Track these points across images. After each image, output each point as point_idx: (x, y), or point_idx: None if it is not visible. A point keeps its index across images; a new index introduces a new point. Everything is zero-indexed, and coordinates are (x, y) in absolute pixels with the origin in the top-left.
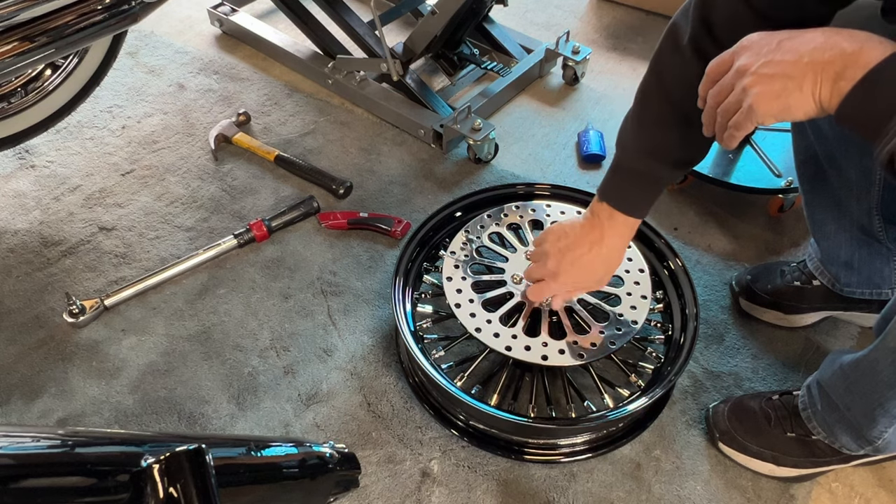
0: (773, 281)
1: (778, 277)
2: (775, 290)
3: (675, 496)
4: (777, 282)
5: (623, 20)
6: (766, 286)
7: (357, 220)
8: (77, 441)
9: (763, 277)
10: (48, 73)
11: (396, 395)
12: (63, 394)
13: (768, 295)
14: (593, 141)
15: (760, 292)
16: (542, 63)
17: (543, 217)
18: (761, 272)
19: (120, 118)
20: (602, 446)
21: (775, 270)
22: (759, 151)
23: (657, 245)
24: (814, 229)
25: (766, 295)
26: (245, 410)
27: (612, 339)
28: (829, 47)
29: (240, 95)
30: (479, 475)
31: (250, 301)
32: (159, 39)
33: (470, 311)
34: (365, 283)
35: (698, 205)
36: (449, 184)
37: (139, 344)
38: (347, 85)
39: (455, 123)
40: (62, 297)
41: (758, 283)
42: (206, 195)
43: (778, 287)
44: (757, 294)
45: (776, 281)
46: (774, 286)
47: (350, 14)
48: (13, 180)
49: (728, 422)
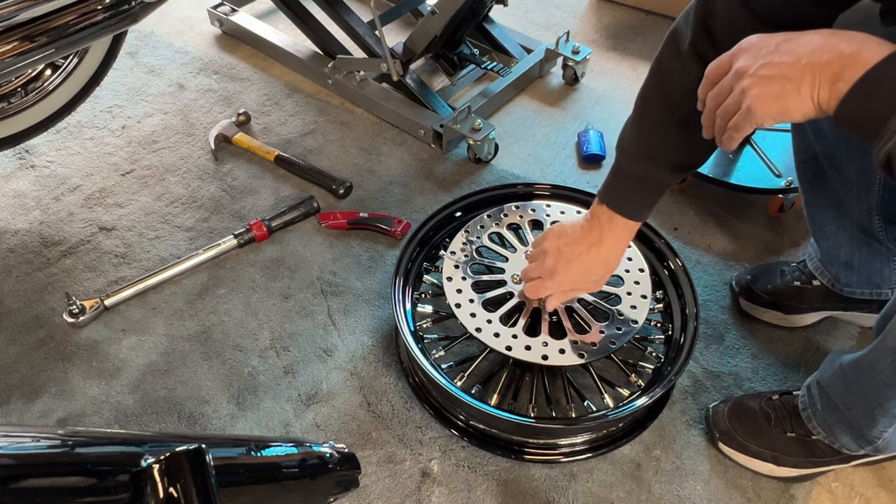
0: (773, 281)
1: (778, 277)
2: (775, 290)
3: (675, 496)
4: (777, 282)
5: (623, 20)
6: (766, 286)
7: (357, 220)
8: (77, 441)
9: (763, 277)
10: (48, 73)
11: (396, 395)
12: (63, 394)
13: (768, 295)
14: (593, 141)
15: (760, 292)
16: (542, 63)
17: (543, 217)
18: (761, 272)
19: (120, 118)
20: (602, 446)
21: (775, 270)
22: (759, 151)
23: (657, 245)
24: (814, 229)
25: (766, 295)
26: (245, 410)
27: (613, 339)
28: (826, 49)
29: (240, 95)
30: (479, 475)
31: (250, 301)
32: (159, 39)
33: (470, 311)
34: (365, 283)
35: (698, 205)
36: (449, 184)
37: (139, 344)
38: (347, 85)
39: (455, 123)
40: (62, 297)
41: (758, 283)
42: (206, 195)
43: (778, 287)
44: (757, 294)
45: (776, 281)
46: (774, 286)
47: (350, 14)
48: (13, 180)
49: (728, 422)
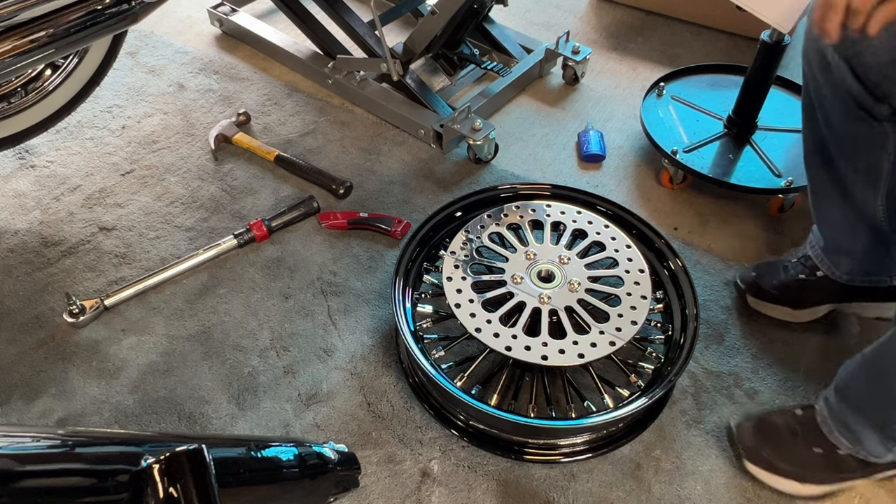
0: (777, 276)
1: (782, 272)
2: (781, 284)
3: (675, 496)
4: (782, 276)
5: (623, 20)
6: (773, 281)
7: (357, 220)
8: (77, 441)
9: (768, 274)
10: (48, 73)
11: (396, 395)
12: (63, 394)
13: (775, 290)
14: (593, 141)
15: (767, 288)
16: (542, 63)
17: (543, 217)
18: (765, 269)
19: (120, 118)
20: (602, 446)
21: (778, 266)
22: (759, 151)
23: (657, 245)
24: (817, 218)
25: (773, 290)
26: (245, 410)
27: (612, 339)
28: None
29: (240, 95)
30: (479, 475)
31: (250, 301)
32: (159, 39)
33: (470, 311)
34: (365, 283)
35: (698, 205)
36: (449, 184)
37: (139, 344)
38: (347, 85)
39: (455, 123)
40: (62, 297)
41: (763, 279)
42: (206, 195)
43: (783, 281)
44: (764, 290)
45: (781, 276)
46: (780, 281)
47: (350, 14)
48: (13, 180)
49: (754, 439)
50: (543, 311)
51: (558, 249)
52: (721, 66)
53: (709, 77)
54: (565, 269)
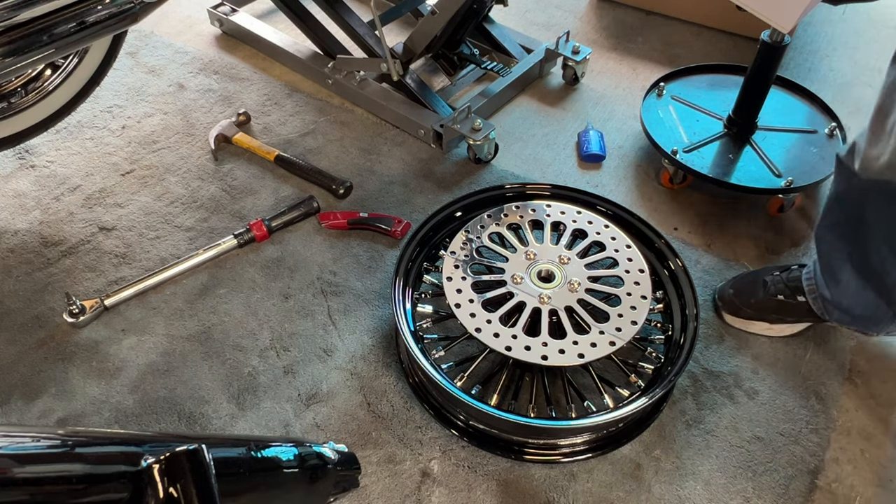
0: (755, 294)
1: (760, 290)
2: (758, 303)
3: (675, 496)
4: (760, 295)
5: (623, 20)
6: (749, 300)
7: (357, 220)
8: (77, 441)
9: (745, 291)
10: (48, 73)
11: (396, 395)
12: (63, 394)
13: (751, 309)
14: (593, 141)
15: (744, 307)
16: (542, 63)
17: (543, 217)
18: (743, 286)
19: (120, 118)
20: (602, 446)
21: (758, 282)
22: (759, 151)
23: (657, 245)
24: (825, 274)
25: (748, 309)
26: (245, 410)
27: (612, 339)
28: None
29: (240, 95)
30: (479, 475)
31: (250, 301)
32: (159, 39)
33: (470, 311)
34: (365, 283)
35: (698, 205)
36: (449, 184)
37: (139, 344)
38: (347, 85)
39: (455, 123)
40: (62, 297)
41: (741, 297)
42: (206, 195)
43: (761, 301)
44: (740, 308)
45: (759, 294)
46: (757, 300)
47: (350, 14)
48: (13, 180)
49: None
50: (543, 311)
51: (558, 249)
52: (721, 66)
53: (709, 77)
54: (565, 269)
